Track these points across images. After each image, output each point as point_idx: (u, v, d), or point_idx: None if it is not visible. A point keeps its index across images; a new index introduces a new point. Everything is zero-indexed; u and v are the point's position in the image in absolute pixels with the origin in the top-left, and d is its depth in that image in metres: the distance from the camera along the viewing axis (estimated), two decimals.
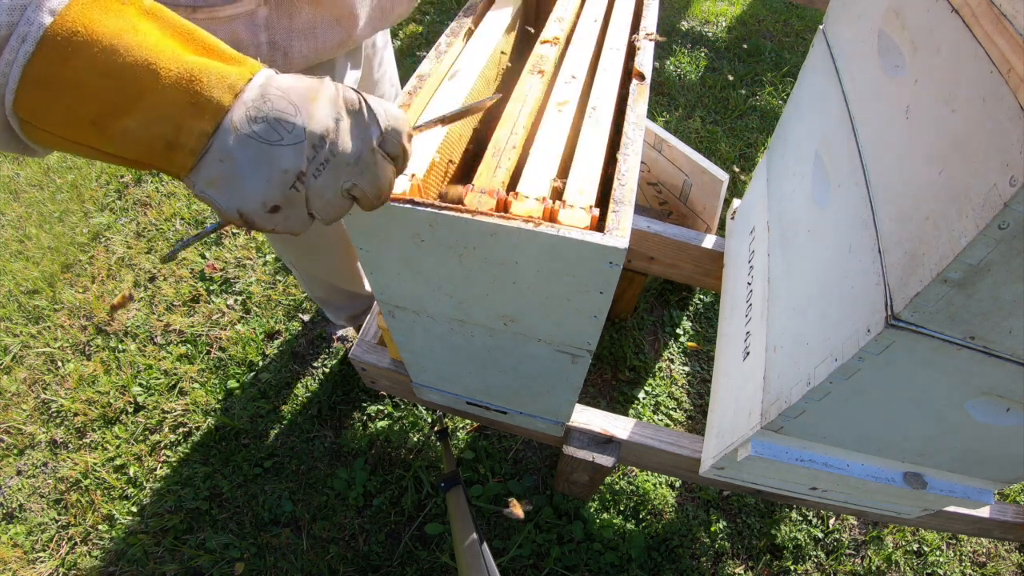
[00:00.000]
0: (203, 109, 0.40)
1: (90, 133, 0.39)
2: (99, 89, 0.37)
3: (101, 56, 0.37)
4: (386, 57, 1.04)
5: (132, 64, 0.38)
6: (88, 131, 0.39)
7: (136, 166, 0.43)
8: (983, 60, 0.46)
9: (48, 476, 1.44)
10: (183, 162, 0.41)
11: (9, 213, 2.04)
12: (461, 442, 1.48)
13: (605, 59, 0.76)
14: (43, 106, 0.37)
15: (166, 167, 0.41)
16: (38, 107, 0.37)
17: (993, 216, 0.40)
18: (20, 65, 0.35)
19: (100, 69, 0.37)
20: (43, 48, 0.35)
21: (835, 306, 0.63)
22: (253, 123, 0.41)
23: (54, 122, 0.38)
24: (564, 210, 0.55)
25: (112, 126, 0.39)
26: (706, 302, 1.77)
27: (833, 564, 1.36)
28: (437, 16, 2.73)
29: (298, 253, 1.18)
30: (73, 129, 0.39)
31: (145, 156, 0.41)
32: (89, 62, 0.37)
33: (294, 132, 0.42)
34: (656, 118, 2.30)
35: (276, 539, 1.33)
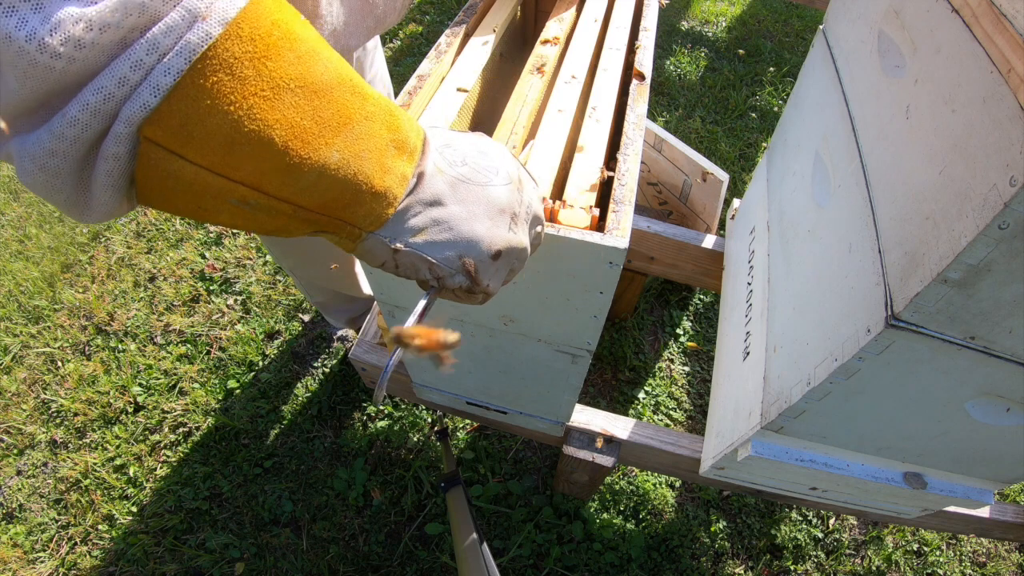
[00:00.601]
0: (403, 147, 0.34)
1: (271, 163, 0.29)
2: (301, 105, 0.28)
3: (306, 63, 0.28)
4: (377, 59, 1.03)
5: (338, 82, 0.30)
6: (270, 160, 0.28)
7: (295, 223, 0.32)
8: (983, 60, 0.46)
9: (48, 476, 1.44)
10: (380, 211, 0.33)
11: (9, 213, 2.04)
12: (461, 442, 1.48)
13: (605, 59, 0.76)
14: (208, 119, 0.26)
15: (357, 215, 0.33)
16: (199, 120, 0.26)
17: (993, 216, 0.40)
18: (189, 55, 0.25)
19: (306, 80, 0.28)
20: (233, 36, 0.26)
21: (835, 306, 0.63)
22: (454, 166, 0.36)
23: (214, 144, 0.27)
24: (564, 210, 0.55)
25: (308, 156, 0.29)
26: (706, 302, 1.77)
27: (833, 564, 1.36)
28: (437, 16, 2.73)
29: (297, 260, 1.18)
30: (247, 157, 0.28)
31: (333, 201, 0.31)
32: (292, 68, 0.28)
33: (500, 174, 0.37)
34: (656, 118, 2.30)
35: (276, 539, 1.33)
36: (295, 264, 1.21)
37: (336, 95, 0.30)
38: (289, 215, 0.32)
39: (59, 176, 0.27)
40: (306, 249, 1.13)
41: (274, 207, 0.31)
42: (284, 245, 1.13)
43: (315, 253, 1.15)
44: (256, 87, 0.27)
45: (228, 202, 0.30)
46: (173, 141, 0.27)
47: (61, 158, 0.26)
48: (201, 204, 0.30)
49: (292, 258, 1.18)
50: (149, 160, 0.27)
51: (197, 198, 0.29)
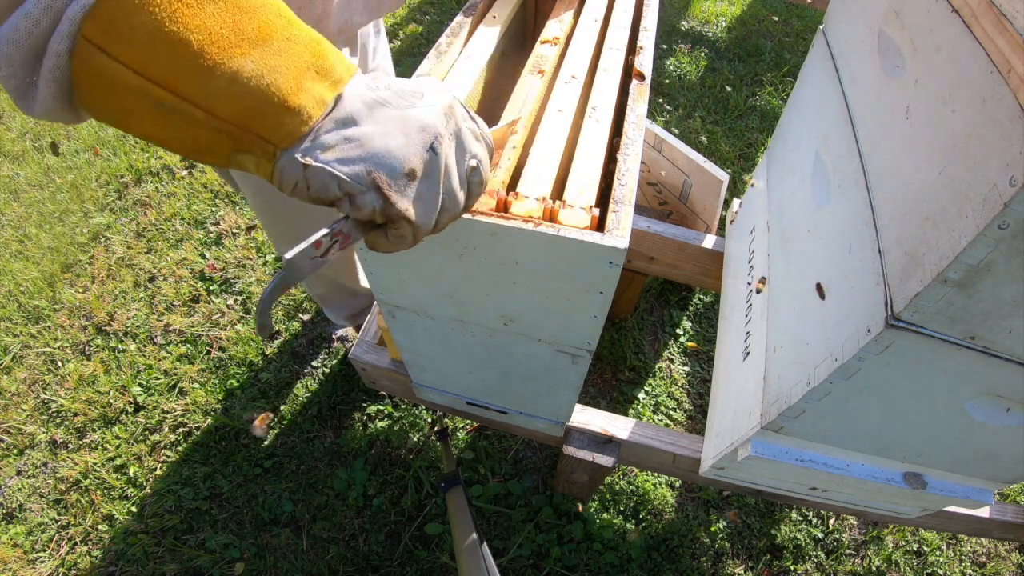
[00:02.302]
0: (326, 75, 0.35)
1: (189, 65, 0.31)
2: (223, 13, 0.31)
3: None
4: (380, 48, 1.03)
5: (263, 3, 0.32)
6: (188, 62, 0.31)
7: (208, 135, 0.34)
8: (983, 60, 0.46)
9: (48, 476, 1.44)
10: (294, 127, 0.34)
11: (9, 213, 2.04)
12: (461, 442, 1.48)
13: (605, 59, 0.76)
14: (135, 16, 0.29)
15: (269, 129, 0.34)
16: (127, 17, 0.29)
17: (993, 216, 0.40)
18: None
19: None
20: None
21: (835, 306, 0.63)
22: (377, 91, 0.37)
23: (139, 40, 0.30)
24: (564, 210, 0.55)
25: (223, 62, 0.31)
26: (706, 302, 1.77)
27: (833, 564, 1.36)
28: (437, 16, 2.73)
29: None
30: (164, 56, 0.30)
31: (245, 112, 0.33)
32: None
33: (425, 98, 0.38)
34: (656, 118, 2.30)
35: (276, 539, 1.33)
36: None
37: (260, 14, 0.32)
38: (202, 123, 0.33)
39: (11, 64, 0.30)
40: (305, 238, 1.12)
41: (187, 112, 0.32)
42: (283, 233, 1.12)
43: None
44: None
45: (146, 103, 0.32)
46: (102, 38, 0.29)
47: (13, 47, 0.29)
48: (123, 104, 0.32)
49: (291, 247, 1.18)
50: (82, 57, 0.30)
51: (119, 98, 0.32)
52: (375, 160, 0.35)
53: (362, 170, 0.35)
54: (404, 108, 0.37)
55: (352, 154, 0.35)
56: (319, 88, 0.35)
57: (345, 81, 0.37)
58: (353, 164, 0.35)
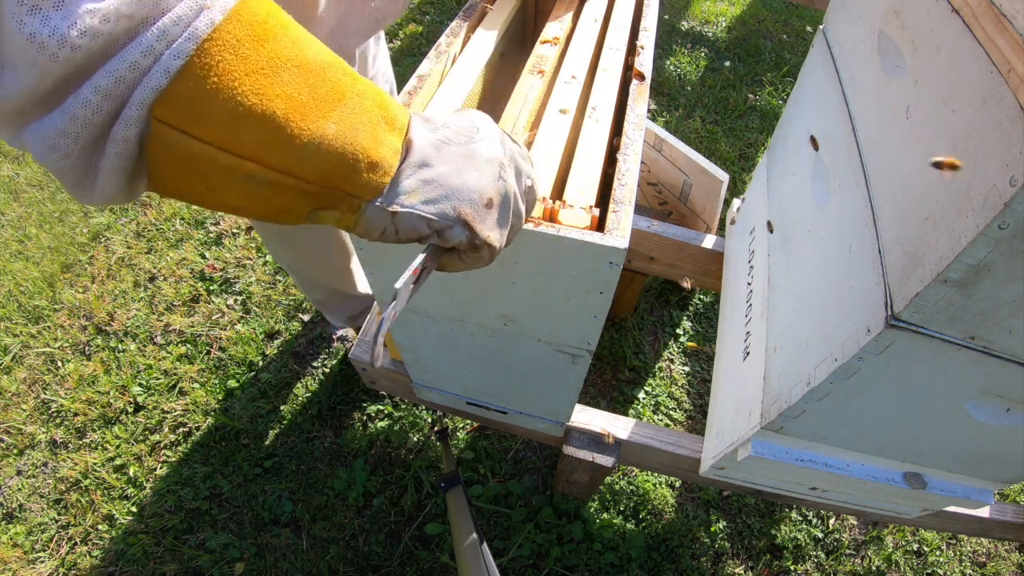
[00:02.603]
0: (392, 123, 0.36)
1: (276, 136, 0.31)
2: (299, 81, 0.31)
3: (299, 46, 0.31)
4: (379, 54, 1.04)
5: (329, 63, 0.33)
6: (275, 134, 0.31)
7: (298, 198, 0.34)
8: (983, 60, 0.46)
9: (48, 476, 1.44)
10: (378, 181, 0.36)
11: (9, 213, 2.04)
12: (461, 442, 1.48)
13: (605, 59, 0.76)
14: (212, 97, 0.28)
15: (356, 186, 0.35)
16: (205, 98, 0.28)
17: (993, 216, 0.40)
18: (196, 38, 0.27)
19: (301, 59, 0.31)
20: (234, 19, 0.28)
21: (835, 306, 0.63)
22: (437, 131, 0.39)
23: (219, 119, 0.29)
24: (564, 210, 0.55)
25: (308, 127, 0.32)
26: (706, 302, 1.77)
27: (833, 564, 1.36)
28: (437, 16, 2.73)
29: (294, 256, 1.18)
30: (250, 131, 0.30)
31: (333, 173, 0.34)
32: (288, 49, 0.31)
33: (481, 131, 0.40)
34: (656, 118, 2.30)
35: (276, 539, 1.33)
36: (293, 260, 1.21)
37: (329, 74, 0.33)
38: (292, 188, 0.34)
39: (69, 157, 0.28)
40: (304, 245, 1.13)
41: (278, 181, 0.33)
42: (283, 240, 1.12)
43: (313, 249, 1.15)
44: (256, 65, 0.29)
45: (235, 179, 0.32)
46: (182, 120, 0.28)
47: (72, 138, 0.27)
48: (210, 183, 0.31)
49: (291, 254, 1.18)
50: (160, 140, 0.29)
51: (206, 176, 0.31)
52: (458, 197, 0.38)
53: (448, 208, 0.37)
54: (467, 143, 0.39)
55: (434, 194, 0.37)
56: (392, 138, 0.36)
57: (406, 124, 0.38)
58: (438, 203, 0.37)
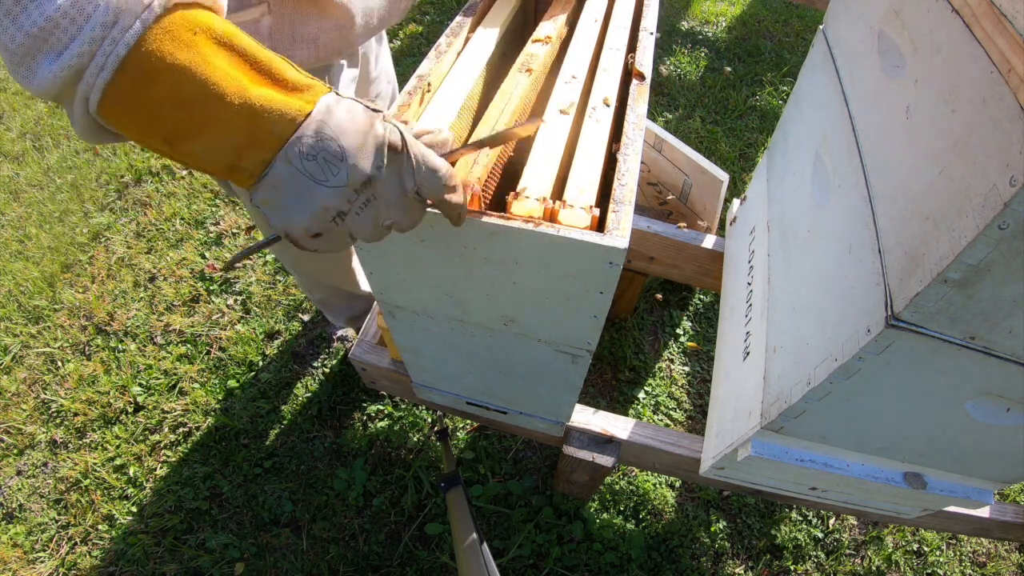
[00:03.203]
0: (262, 141, 0.44)
1: (162, 147, 0.43)
2: (169, 115, 0.41)
3: (171, 87, 0.40)
4: (382, 54, 1.04)
5: (200, 97, 0.41)
6: (161, 146, 0.43)
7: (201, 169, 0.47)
8: (983, 60, 0.46)
9: (48, 476, 1.44)
10: (243, 181, 0.45)
11: (9, 213, 2.04)
12: (461, 442, 1.48)
13: (605, 59, 0.76)
14: (122, 119, 0.41)
15: (231, 178, 0.46)
16: (117, 119, 0.41)
17: (993, 216, 0.40)
18: (100, 89, 0.39)
19: (170, 98, 0.41)
20: (120, 75, 0.39)
21: (835, 306, 0.63)
22: (305, 160, 0.44)
23: (131, 132, 0.42)
24: (564, 210, 0.55)
25: (180, 146, 0.43)
26: (706, 302, 1.77)
27: (833, 564, 1.36)
28: (437, 16, 2.73)
29: (296, 255, 1.18)
30: (148, 140, 0.43)
31: (210, 172, 0.46)
32: (161, 91, 0.40)
33: (338, 176, 0.45)
34: (656, 118, 2.30)
35: (276, 539, 1.33)
36: (295, 259, 1.21)
37: (201, 106, 0.41)
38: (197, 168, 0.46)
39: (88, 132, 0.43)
40: None
41: (184, 163, 0.45)
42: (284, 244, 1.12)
43: None
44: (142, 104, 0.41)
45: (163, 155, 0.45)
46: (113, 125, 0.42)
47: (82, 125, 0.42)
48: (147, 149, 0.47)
49: (292, 254, 1.18)
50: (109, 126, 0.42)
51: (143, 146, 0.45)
52: (287, 225, 0.46)
53: (280, 227, 0.47)
54: (318, 184, 0.45)
55: (273, 212, 0.46)
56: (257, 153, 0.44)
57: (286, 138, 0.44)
58: (275, 220, 0.47)
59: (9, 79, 2.60)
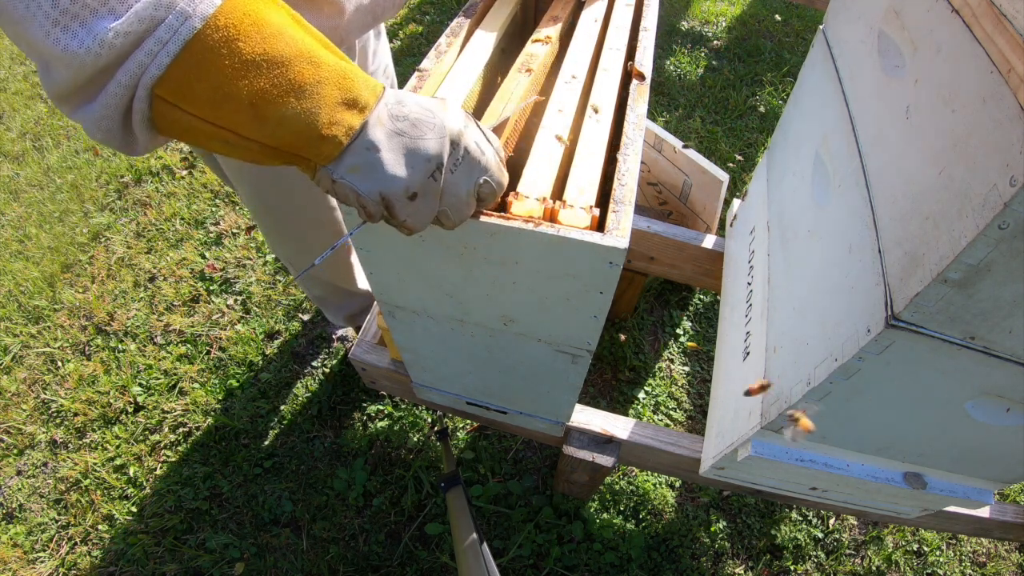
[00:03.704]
0: (354, 106, 0.43)
1: (243, 115, 0.40)
2: (263, 74, 0.39)
3: (269, 43, 0.39)
4: (380, 48, 1.04)
5: (296, 55, 0.40)
6: (242, 113, 0.40)
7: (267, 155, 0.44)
8: (983, 60, 0.46)
9: (48, 476, 1.44)
10: (329, 152, 0.44)
11: (9, 213, 2.04)
12: (461, 442, 1.48)
13: (605, 59, 0.76)
14: (195, 84, 0.38)
15: (311, 154, 0.44)
16: (188, 85, 0.38)
17: (993, 216, 0.40)
18: (181, 40, 0.36)
19: (268, 55, 0.39)
20: (211, 26, 0.37)
21: (835, 306, 0.63)
22: (397, 120, 0.45)
23: (202, 101, 0.39)
24: (564, 210, 0.55)
25: (269, 111, 0.40)
26: (706, 302, 1.77)
27: (833, 564, 1.36)
28: (437, 16, 2.73)
29: (294, 249, 1.18)
30: (222, 110, 0.39)
31: (291, 143, 0.43)
32: (258, 46, 0.38)
33: (436, 128, 0.46)
34: (656, 118, 2.30)
35: (276, 539, 1.33)
36: (293, 254, 1.21)
37: (293, 66, 0.40)
38: (259, 150, 0.43)
39: (111, 131, 0.40)
40: (304, 239, 1.13)
41: (247, 144, 0.43)
42: (282, 234, 1.12)
43: (313, 243, 1.15)
44: (228, 62, 0.38)
45: (216, 139, 0.42)
46: (173, 96, 0.39)
47: (109, 118, 0.39)
48: (197, 139, 0.42)
49: (290, 248, 1.18)
50: (160, 110, 0.40)
51: (194, 135, 0.41)
52: (386, 184, 0.45)
53: (375, 190, 0.46)
54: (416, 139, 0.45)
55: (370, 177, 0.45)
56: (348, 118, 0.43)
57: (372, 107, 0.45)
58: (369, 184, 0.45)
59: (9, 79, 2.60)
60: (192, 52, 0.37)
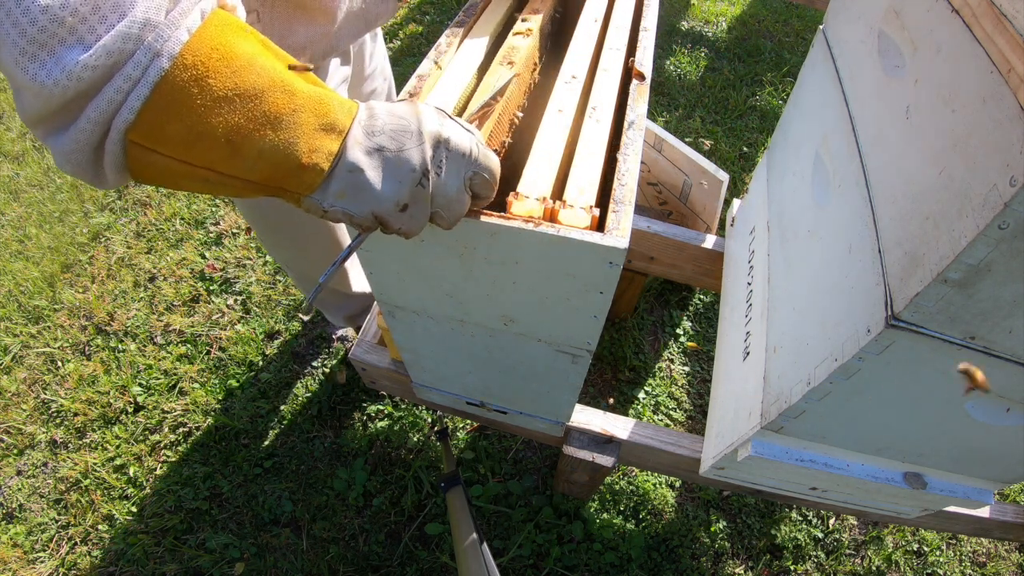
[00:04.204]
0: (332, 130, 0.43)
1: (219, 152, 0.39)
2: (237, 109, 0.38)
3: (240, 76, 0.38)
4: (377, 51, 1.03)
5: (270, 86, 0.39)
6: (218, 150, 0.39)
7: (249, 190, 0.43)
8: (983, 60, 0.46)
9: (48, 476, 1.44)
10: (311, 180, 0.43)
11: (9, 213, 2.04)
12: (461, 442, 1.48)
13: (605, 59, 0.76)
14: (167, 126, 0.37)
15: (293, 185, 0.43)
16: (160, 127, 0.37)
17: (993, 216, 0.40)
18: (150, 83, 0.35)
19: (240, 89, 0.38)
20: (180, 66, 0.35)
21: (835, 306, 0.63)
22: (373, 136, 0.44)
23: (176, 142, 0.38)
24: (564, 210, 0.55)
25: (247, 146, 0.39)
26: (706, 302, 1.77)
27: (833, 564, 1.36)
28: (437, 16, 2.73)
29: (290, 254, 1.18)
30: (198, 149, 0.38)
31: (272, 176, 0.42)
32: (229, 81, 0.37)
33: (414, 136, 0.45)
34: (656, 118, 2.30)
35: (276, 539, 1.33)
36: (289, 257, 1.21)
37: (267, 96, 0.39)
38: (241, 187, 0.42)
39: (80, 164, 0.38)
40: (299, 242, 1.13)
41: (228, 182, 0.41)
42: (278, 238, 1.12)
43: (307, 246, 1.15)
44: (200, 100, 0.37)
45: (195, 180, 0.41)
46: (147, 140, 0.37)
47: (79, 152, 0.37)
48: (173, 181, 0.41)
49: (286, 252, 1.18)
50: (133, 154, 0.38)
51: (172, 177, 0.40)
52: (376, 203, 0.45)
53: (367, 210, 0.45)
54: (397, 152, 0.45)
55: (358, 198, 0.45)
56: (327, 143, 0.42)
57: (347, 128, 0.44)
58: (359, 206, 0.45)
59: None
60: (162, 94, 0.36)
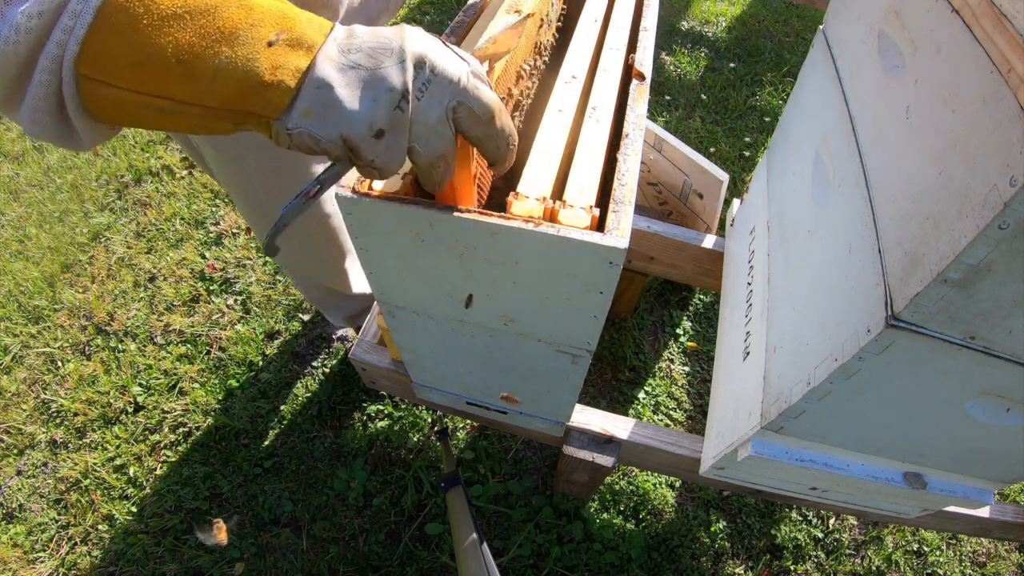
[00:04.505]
0: (297, 45, 0.39)
1: (171, 75, 0.36)
2: (187, 26, 0.35)
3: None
4: None
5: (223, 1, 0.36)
6: (169, 72, 0.36)
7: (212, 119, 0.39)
8: (983, 60, 0.46)
9: (48, 476, 1.44)
10: (278, 100, 0.39)
11: (9, 213, 2.04)
12: (461, 442, 1.48)
13: (605, 59, 0.76)
14: (114, 51, 0.35)
15: (258, 106, 0.39)
16: (110, 53, 0.35)
17: (993, 216, 0.40)
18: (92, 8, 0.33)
19: (189, 5, 0.35)
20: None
21: (835, 306, 0.63)
22: (348, 53, 0.40)
23: (124, 69, 0.35)
24: (564, 210, 0.55)
25: (199, 65, 0.36)
26: (706, 302, 1.77)
27: (833, 564, 1.36)
28: (437, 16, 2.73)
29: (288, 253, 1.18)
30: (151, 75, 0.36)
31: (232, 98, 0.38)
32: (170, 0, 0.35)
33: (395, 53, 0.40)
34: (656, 118, 2.30)
35: (276, 539, 1.33)
36: (288, 257, 1.21)
37: (221, 11, 0.36)
38: (201, 114, 0.39)
39: (46, 125, 0.37)
40: (297, 242, 1.12)
41: (186, 110, 0.38)
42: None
43: (305, 246, 1.14)
44: (147, 20, 0.35)
45: (152, 111, 0.38)
46: (96, 72, 0.36)
47: (41, 111, 0.36)
48: (130, 114, 0.39)
49: (285, 251, 1.18)
50: (87, 90, 0.37)
51: (128, 111, 0.38)
52: (347, 124, 0.40)
53: (335, 133, 0.40)
54: (374, 69, 0.40)
55: (327, 118, 0.40)
56: (294, 59, 0.39)
57: (319, 44, 0.40)
58: (327, 127, 0.40)
59: None
60: (105, 16, 0.34)
